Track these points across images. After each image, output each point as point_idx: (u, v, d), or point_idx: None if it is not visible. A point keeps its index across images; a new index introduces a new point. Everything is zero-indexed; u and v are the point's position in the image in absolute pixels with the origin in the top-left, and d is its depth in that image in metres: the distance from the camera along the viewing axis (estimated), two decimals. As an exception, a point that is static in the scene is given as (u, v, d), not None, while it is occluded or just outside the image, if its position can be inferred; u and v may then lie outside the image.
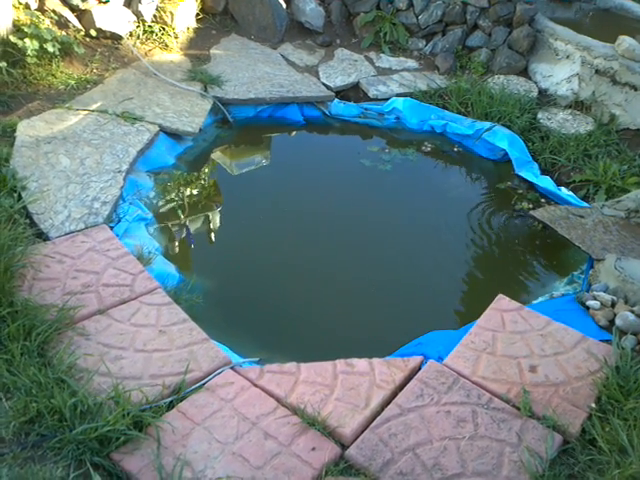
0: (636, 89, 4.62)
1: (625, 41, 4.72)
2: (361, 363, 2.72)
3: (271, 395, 2.53)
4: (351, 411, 2.47)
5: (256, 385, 2.57)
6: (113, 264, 3.11)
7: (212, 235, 3.91)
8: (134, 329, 2.76)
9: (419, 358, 2.78)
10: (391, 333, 3.22)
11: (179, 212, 3.93)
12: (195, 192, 4.14)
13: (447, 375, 2.66)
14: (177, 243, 3.73)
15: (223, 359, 2.67)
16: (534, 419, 2.48)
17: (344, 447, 2.35)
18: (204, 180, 4.31)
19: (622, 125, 4.73)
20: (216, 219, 3.99)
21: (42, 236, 3.25)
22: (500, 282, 3.61)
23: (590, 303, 3.13)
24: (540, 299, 3.36)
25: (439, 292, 3.52)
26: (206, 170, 4.41)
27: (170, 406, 2.44)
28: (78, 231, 3.30)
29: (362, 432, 2.39)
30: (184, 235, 3.81)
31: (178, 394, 2.49)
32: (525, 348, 2.83)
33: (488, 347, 2.82)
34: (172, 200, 4.00)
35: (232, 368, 2.65)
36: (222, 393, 2.51)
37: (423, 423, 2.44)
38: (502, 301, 3.10)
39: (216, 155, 4.61)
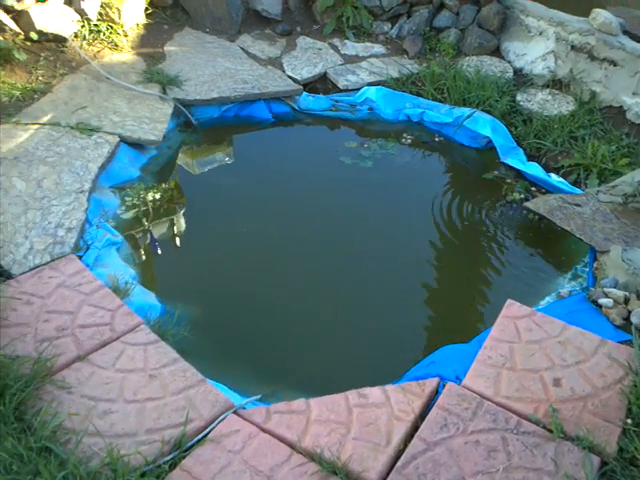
0: (615, 64, 4.47)
1: (600, 14, 4.56)
2: (375, 392, 2.50)
3: (282, 440, 2.29)
4: (373, 451, 2.26)
5: (264, 430, 2.33)
6: (88, 300, 2.80)
7: (192, 253, 3.59)
8: (121, 376, 2.48)
9: (435, 380, 2.58)
10: (398, 350, 3.01)
11: (151, 230, 3.61)
12: (166, 205, 3.82)
13: (469, 399, 2.46)
14: (154, 266, 3.42)
15: (224, 403, 2.41)
16: (567, 440, 2.31)
17: (371, 494, 2.14)
18: (174, 191, 3.97)
19: (604, 103, 4.58)
20: (195, 234, 3.68)
21: (4, 274, 2.91)
22: (502, 282, 3.43)
23: (602, 301, 2.97)
24: (548, 299, 3.19)
25: (440, 299, 3.32)
26: (175, 180, 4.08)
27: (172, 465, 2.18)
28: (44, 265, 2.97)
29: (388, 474, 2.18)
30: (160, 256, 3.50)
31: (180, 449, 2.23)
32: (545, 359, 2.65)
33: (507, 361, 2.63)
34: (142, 217, 3.67)
35: (235, 412, 2.40)
36: (228, 444, 2.26)
37: (452, 458, 2.23)
38: (513, 307, 2.91)
39: (184, 163, 4.28)
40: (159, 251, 3.51)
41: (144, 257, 3.44)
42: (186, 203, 3.87)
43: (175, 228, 3.71)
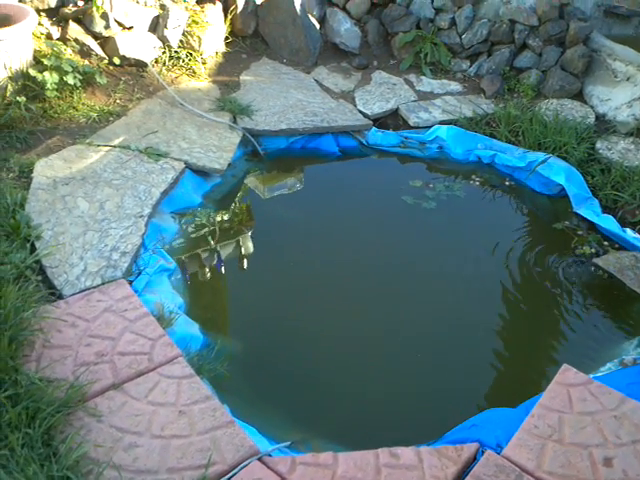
0: None
1: (695, 62, 4.28)
2: (407, 453, 2.36)
3: (304, 495, 2.20)
4: (397, 518, 2.13)
5: (287, 482, 2.25)
6: (131, 327, 2.81)
7: (242, 284, 3.57)
8: (151, 409, 2.46)
9: (474, 446, 2.41)
10: (440, 407, 2.86)
11: (206, 259, 3.63)
12: (223, 235, 3.83)
13: (508, 471, 2.28)
14: (202, 295, 3.42)
15: (250, 448, 2.34)
16: (613, 530, 2.10)
17: None
18: (233, 221, 3.99)
19: (693, 156, 4.28)
20: (247, 267, 3.67)
21: (55, 293, 2.98)
22: (560, 342, 3.20)
23: (670, 375, 2.72)
24: (609, 365, 2.96)
25: (491, 356, 3.13)
26: (235, 210, 4.10)
27: (188, 510, 2.13)
28: (94, 287, 3.02)
29: None
30: (211, 284, 3.51)
31: (198, 493, 2.18)
32: (597, 434, 2.44)
33: (554, 433, 2.44)
34: (198, 245, 3.70)
35: (260, 459, 2.32)
36: (248, 493, 2.19)
37: (482, 535, 2.07)
38: (568, 373, 2.71)
39: (246, 194, 4.29)
40: (222, 269, 3.56)
41: (194, 285, 3.45)
42: (244, 232, 3.87)
43: (230, 257, 3.71)
